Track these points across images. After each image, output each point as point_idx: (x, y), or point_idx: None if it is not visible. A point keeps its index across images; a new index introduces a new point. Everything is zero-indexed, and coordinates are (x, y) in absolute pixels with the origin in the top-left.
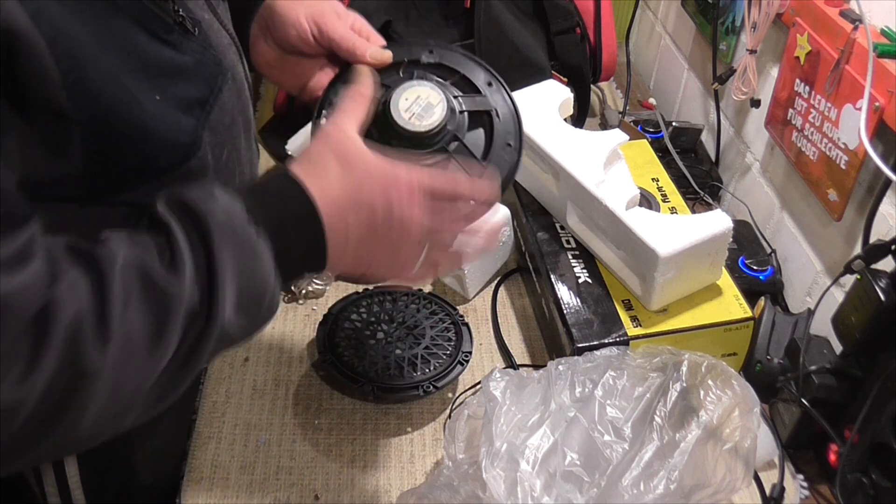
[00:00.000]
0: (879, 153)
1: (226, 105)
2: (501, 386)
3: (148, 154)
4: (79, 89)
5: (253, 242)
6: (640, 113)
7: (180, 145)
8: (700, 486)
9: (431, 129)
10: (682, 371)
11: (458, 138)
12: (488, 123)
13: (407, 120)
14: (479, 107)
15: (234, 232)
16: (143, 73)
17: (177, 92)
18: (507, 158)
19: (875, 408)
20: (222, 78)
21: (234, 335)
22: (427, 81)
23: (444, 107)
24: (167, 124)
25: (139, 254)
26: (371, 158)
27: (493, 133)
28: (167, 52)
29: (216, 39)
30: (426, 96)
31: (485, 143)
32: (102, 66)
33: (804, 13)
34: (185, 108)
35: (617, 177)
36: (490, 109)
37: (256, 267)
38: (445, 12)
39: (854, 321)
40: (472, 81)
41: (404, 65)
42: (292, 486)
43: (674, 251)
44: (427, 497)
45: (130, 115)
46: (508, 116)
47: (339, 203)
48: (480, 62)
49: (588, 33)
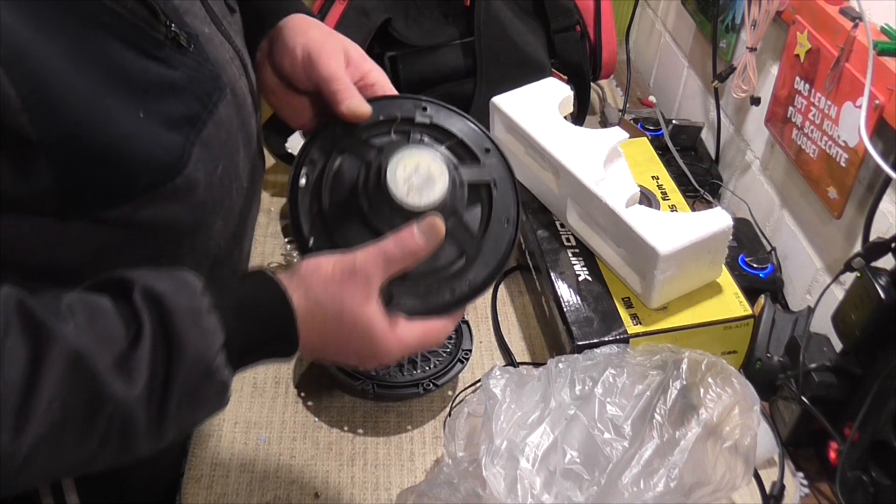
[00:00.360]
0: (879, 151)
1: (222, 121)
2: (501, 384)
3: (124, 174)
4: (42, 112)
5: (218, 384)
6: (640, 111)
7: (162, 164)
8: (700, 483)
9: (432, 206)
10: (682, 369)
11: (457, 213)
12: (486, 196)
13: (405, 193)
14: (478, 178)
15: (203, 372)
16: (127, 90)
17: (164, 109)
18: (504, 236)
19: (875, 405)
20: (219, 93)
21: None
22: (426, 148)
23: (446, 180)
24: (148, 143)
25: (90, 344)
26: (367, 343)
27: (492, 207)
28: (156, 67)
29: (216, 53)
30: (426, 166)
31: (482, 217)
32: (74, 85)
33: (804, 11)
34: (173, 125)
35: (617, 175)
36: (489, 182)
37: (211, 402)
38: (445, 10)
39: (854, 319)
40: (469, 147)
41: (397, 122)
42: (292, 483)
43: (674, 249)
44: (427, 495)
45: (104, 136)
46: (506, 186)
47: (317, 348)
48: (477, 124)
49: (588, 31)
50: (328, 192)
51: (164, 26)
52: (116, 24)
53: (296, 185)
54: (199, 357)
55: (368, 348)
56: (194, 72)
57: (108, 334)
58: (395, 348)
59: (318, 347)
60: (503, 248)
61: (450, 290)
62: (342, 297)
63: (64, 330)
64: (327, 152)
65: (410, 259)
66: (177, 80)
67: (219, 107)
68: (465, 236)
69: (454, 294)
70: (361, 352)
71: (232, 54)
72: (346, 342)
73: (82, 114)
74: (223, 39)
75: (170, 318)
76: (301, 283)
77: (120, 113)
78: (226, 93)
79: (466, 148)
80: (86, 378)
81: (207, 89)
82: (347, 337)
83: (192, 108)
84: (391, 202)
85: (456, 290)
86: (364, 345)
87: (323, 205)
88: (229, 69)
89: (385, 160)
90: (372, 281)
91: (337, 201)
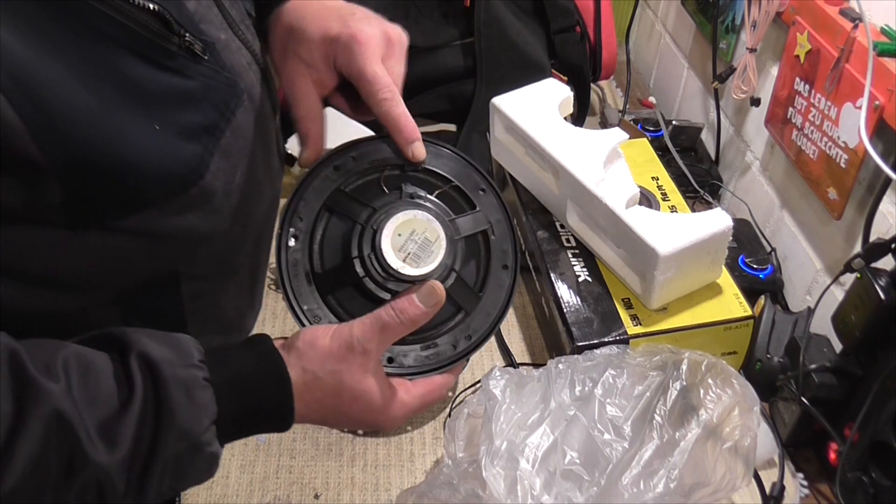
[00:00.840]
0: (879, 152)
1: (240, 128)
2: (501, 384)
3: (137, 189)
4: (50, 136)
5: (207, 457)
6: (640, 111)
7: (176, 176)
8: (700, 484)
9: (431, 273)
10: (682, 370)
11: (455, 270)
12: (483, 243)
13: (402, 262)
14: (475, 228)
15: (190, 447)
16: (140, 104)
17: (180, 120)
18: (503, 284)
19: (875, 406)
20: (236, 101)
21: None
22: (420, 209)
23: (443, 245)
24: (163, 156)
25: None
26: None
27: (490, 254)
28: (170, 79)
29: (232, 60)
30: (422, 230)
31: (479, 267)
32: (83, 105)
33: (804, 12)
34: (190, 135)
35: (617, 175)
36: (486, 228)
37: (198, 475)
38: (445, 11)
39: (854, 320)
40: (463, 191)
41: (384, 174)
42: (292, 484)
43: (674, 250)
44: (427, 495)
45: (116, 153)
46: (503, 229)
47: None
48: (469, 160)
49: (588, 32)
50: (320, 257)
51: (177, 36)
52: (127, 37)
53: (284, 244)
54: (189, 431)
55: (370, 418)
56: (210, 80)
57: (98, 396)
58: (398, 414)
59: (316, 420)
60: (503, 297)
61: (451, 345)
62: (340, 373)
63: (52, 388)
64: (315, 208)
65: (410, 327)
66: (192, 89)
67: (236, 114)
68: (463, 292)
69: (456, 349)
70: (363, 421)
71: (249, 59)
72: (346, 414)
73: (93, 133)
74: (240, 45)
75: (164, 388)
76: (299, 358)
77: (133, 128)
78: (243, 99)
79: (460, 191)
80: (67, 439)
81: (224, 97)
82: (347, 409)
83: (209, 118)
84: (388, 272)
85: (458, 344)
86: (365, 415)
87: (316, 270)
88: (246, 75)
89: (379, 227)
90: (370, 353)
91: (331, 266)
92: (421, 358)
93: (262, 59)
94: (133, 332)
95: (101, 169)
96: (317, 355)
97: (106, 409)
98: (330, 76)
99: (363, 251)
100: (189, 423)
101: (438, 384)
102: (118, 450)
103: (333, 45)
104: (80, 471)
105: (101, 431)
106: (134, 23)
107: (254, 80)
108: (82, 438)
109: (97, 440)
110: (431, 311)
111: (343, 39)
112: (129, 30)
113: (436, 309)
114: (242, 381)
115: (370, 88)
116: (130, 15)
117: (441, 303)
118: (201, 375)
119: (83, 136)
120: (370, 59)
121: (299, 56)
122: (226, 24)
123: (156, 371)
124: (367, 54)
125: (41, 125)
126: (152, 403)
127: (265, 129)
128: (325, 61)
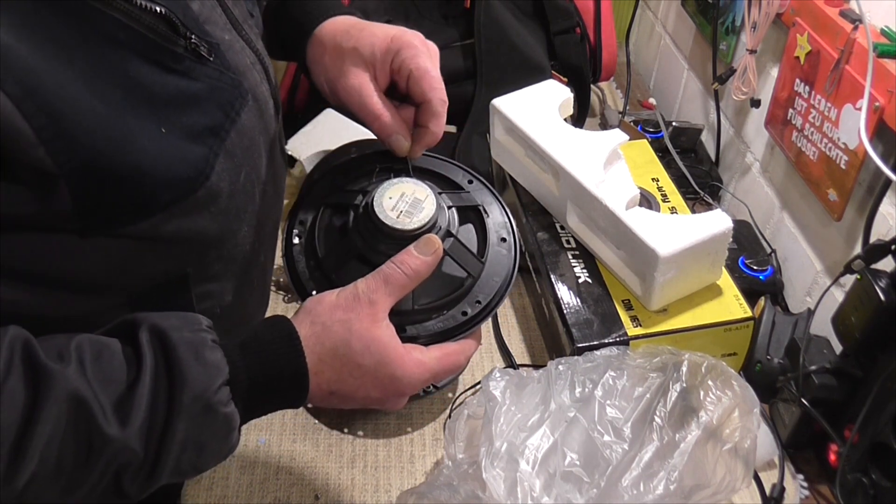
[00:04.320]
0: (879, 153)
1: (245, 128)
2: (501, 386)
3: (146, 192)
4: (59, 143)
5: (222, 420)
6: (640, 113)
7: (183, 179)
8: (700, 486)
9: (423, 226)
10: (682, 371)
11: (452, 234)
12: (478, 220)
13: (395, 219)
14: (465, 202)
15: (204, 408)
16: (147, 107)
17: (186, 122)
18: (504, 255)
19: (875, 407)
20: (241, 101)
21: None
22: (408, 179)
23: (433, 201)
24: (170, 158)
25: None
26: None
27: (486, 229)
28: (176, 81)
29: (237, 60)
30: (411, 192)
31: (477, 239)
32: (92, 109)
33: (804, 13)
34: (195, 137)
35: (617, 177)
36: (477, 205)
37: (216, 442)
38: (445, 12)
39: (854, 321)
40: (451, 180)
41: (376, 171)
42: (292, 486)
43: (674, 251)
44: (427, 497)
45: (124, 157)
46: (496, 210)
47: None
48: (457, 164)
49: (588, 33)
50: (322, 244)
51: (183, 38)
52: (134, 41)
53: (290, 244)
54: (202, 391)
55: (386, 374)
56: (216, 81)
57: (112, 374)
58: (415, 372)
59: (332, 380)
60: (508, 264)
61: (461, 311)
62: (349, 321)
63: (65, 371)
64: (316, 207)
65: (414, 279)
66: (198, 91)
67: (241, 114)
68: (466, 256)
69: (466, 314)
70: (380, 379)
71: (253, 59)
72: (361, 371)
73: (101, 138)
74: (244, 45)
75: (173, 352)
76: (306, 314)
77: (140, 131)
78: (247, 99)
79: (448, 181)
80: (84, 418)
81: (229, 98)
82: (359, 361)
83: (214, 119)
84: (384, 231)
85: (468, 311)
86: (381, 371)
87: (319, 255)
88: (250, 75)
89: (371, 195)
90: (377, 304)
91: (331, 248)
92: (433, 328)
93: (264, 58)
94: (142, 313)
95: (110, 174)
96: (324, 308)
97: (120, 385)
98: (384, 74)
99: (359, 222)
100: (201, 384)
101: (455, 350)
102: (134, 420)
103: (396, 41)
104: (100, 450)
105: (117, 407)
106: (141, 25)
107: (257, 79)
108: (98, 416)
109: (112, 416)
110: (431, 261)
111: (405, 38)
112: (136, 33)
113: (434, 258)
114: (252, 343)
115: (429, 83)
116: (137, 18)
117: (438, 251)
118: (209, 338)
119: (92, 140)
120: (425, 58)
121: (360, 54)
122: (229, 25)
123: (164, 338)
124: (423, 55)
125: (50, 131)
126: (163, 368)
127: (269, 129)
128: (385, 57)
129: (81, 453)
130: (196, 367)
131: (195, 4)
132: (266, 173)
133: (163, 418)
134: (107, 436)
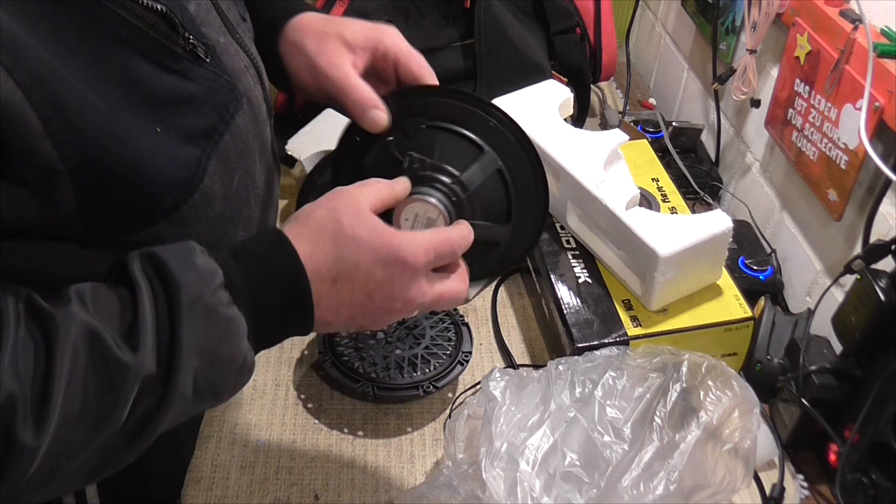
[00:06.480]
0: (879, 153)
1: (239, 131)
2: (501, 386)
3: (144, 194)
4: (64, 135)
5: (225, 322)
6: (640, 113)
7: (178, 181)
8: (700, 486)
9: None
10: (682, 371)
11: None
12: (499, 179)
13: None
14: (484, 172)
15: (205, 310)
16: (146, 105)
17: (180, 122)
18: (533, 209)
19: (875, 408)
20: (235, 104)
21: (198, 405)
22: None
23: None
24: (165, 158)
25: (96, 320)
26: (376, 236)
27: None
28: (174, 81)
29: (231, 63)
30: (424, 212)
31: (505, 199)
32: (94, 104)
33: (804, 13)
34: (189, 138)
35: (617, 177)
36: (498, 167)
37: (224, 347)
38: (445, 12)
39: (854, 321)
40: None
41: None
42: (292, 485)
43: (674, 251)
44: (427, 497)
45: (124, 154)
46: (519, 157)
47: (333, 274)
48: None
49: (588, 33)
50: None
51: (182, 38)
52: (135, 38)
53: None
54: (198, 294)
55: (382, 242)
56: (211, 83)
57: (113, 306)
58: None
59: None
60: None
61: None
62: (334, 209)
63: (71, 310)
64: None
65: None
66: (194, 92)
67: (235, 117)
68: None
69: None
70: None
71: (247, 62)
72: (356, 243)
73: (103, 133)
74: (238, 48)
75: (164, 267)
76: (292, 217)
77: (138, 129)
78: (242, 102)
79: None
80: (98, 351)
81: (224, 100)
82: (352, 232)
83: (209, 121)
84: None
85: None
86: (376, 240)
87: None
88: (245, 78)
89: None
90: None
91: None
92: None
93: (258, 62)
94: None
95: (112, 171)
96: (308, 208)
97: (125, 314)
98: (363, 61)
99: None
100: (196, 287)
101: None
102: (144, 341)
103: (377, 30)
104: (121, 379)
105: (126, 334)
106: (143, 23)
107: (251, 82)
108: (112, 346)
109: (123, 344)
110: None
111: (385, 27)
112: (137, 30)
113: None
114: (241, 249)
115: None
116: (140, 15)
117: None
118: (198, 249)
119: (94, 134)
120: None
121: (343, 37)
122: (224, 28)
123: (153, 257)
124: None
125: (57, 124)
126: (158, 283)
127: (262, 133)
128: (367, 41)
129: (104, 386)
130: (188, 273)
131: (192, 6)
132: (259, 178)
133: (167, 329)
134: (123, 363)
